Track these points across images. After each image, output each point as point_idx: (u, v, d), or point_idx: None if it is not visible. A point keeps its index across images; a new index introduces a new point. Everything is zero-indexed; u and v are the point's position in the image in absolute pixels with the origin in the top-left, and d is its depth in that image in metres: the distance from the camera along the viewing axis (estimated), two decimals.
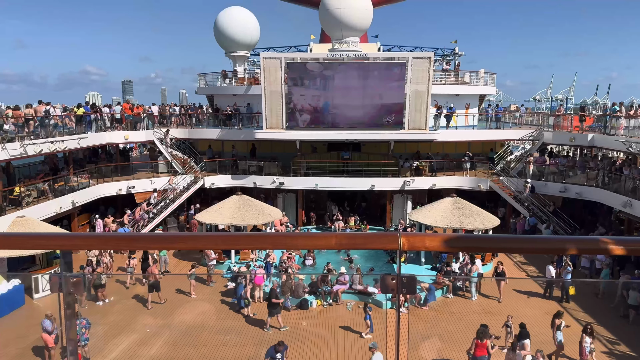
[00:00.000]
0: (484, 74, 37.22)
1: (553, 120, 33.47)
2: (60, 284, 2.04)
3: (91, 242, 1.87)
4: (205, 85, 37.86)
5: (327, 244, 2.01)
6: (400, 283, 2.06)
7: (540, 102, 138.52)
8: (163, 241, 1.82)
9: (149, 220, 27.32)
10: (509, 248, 1.91)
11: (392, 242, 1.99)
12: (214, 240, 1.70)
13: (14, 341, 16.54)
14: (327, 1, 32.39)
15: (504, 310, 18.55)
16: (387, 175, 30.69)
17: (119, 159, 33.74)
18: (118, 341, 15.22)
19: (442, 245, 1.99)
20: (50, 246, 1.86)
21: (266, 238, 1.97)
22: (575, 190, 27.86)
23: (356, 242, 2.03)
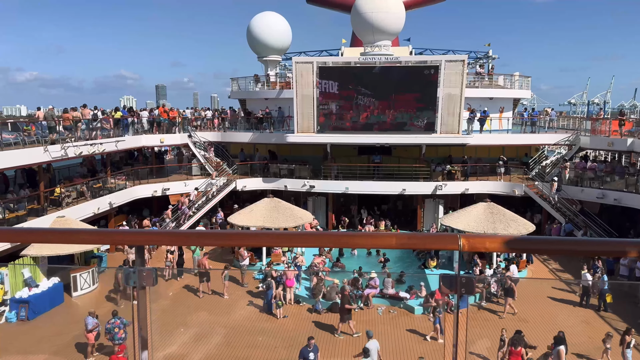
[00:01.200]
0: (519, 77, 36.60)
1: (590, 125, 32.62)
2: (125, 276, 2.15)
3: (162, 238, 1.97)
4: (237, 90, 38.41)
5: (388, 243, 2.06)
6: (459, 283, 2.09)
7: (575, 105, 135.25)
8: (231, 238, 1.90)
9: (187, 218, 27.95)
10: (569, 250, 1.93)
11: (452, 243, 2.03)
12: (281, 239, 1.77)
13: (54, 338, 17.11)
14: (360, 5, 32.43)
15: (539, 318, 18.19)
16: (418, 179, 30.46)
17: (154, 162, 34.52)
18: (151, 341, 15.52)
19: (503, 246, 2.02)
20: (126, 241, 1.98)
21: (329, 237, 2.04)
22: (614, 196, 27.07)
23: (416, 241, 2.08)
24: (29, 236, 2.08)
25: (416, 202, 31.78)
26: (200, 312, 19.38)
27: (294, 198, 31.43)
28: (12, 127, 24.39)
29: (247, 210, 25.97)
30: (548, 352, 13.85)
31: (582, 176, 29.47)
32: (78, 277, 20.57)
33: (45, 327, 17.84)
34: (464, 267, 23.91)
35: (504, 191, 30.22)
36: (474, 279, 1.93)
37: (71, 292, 20.30)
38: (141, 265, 2.15)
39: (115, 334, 14.69)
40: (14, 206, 21.91)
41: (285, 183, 31.33)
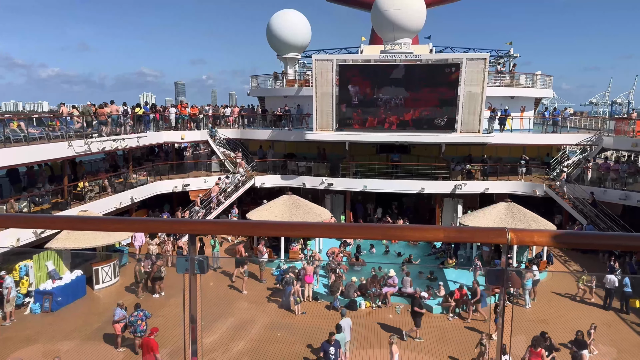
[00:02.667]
0: (540, 77, 36.13)
1: (614, 125, 32.06)
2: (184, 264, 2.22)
3: (219, 228, 2.03)
4: (257, 87, 38.62)
5: (436, 236, 2.09)
6: (507, 277, 2.11)
7: (597, 105, 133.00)
8: (283, 229, 1.95)
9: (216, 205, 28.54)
10: (617, 245, 1.94)
11: (501, 237, 2.05)
12: (327, 230, 1.81)
13: (77, 329, 17.46)
14: (380, 3, 32.31)
15: (560, 319, 18.00)
16: (437, 178, 30.31)
17: (174, 158, 34.92)
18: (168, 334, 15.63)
19: (552, 240, 2.03)
20: (185, 230, 2.04)
21: (376, 229, 2.08)
22: (638, 197, 26.60)
23: (464, 235, 2.11)
24: (84, 224, 2.16)
25: (435, 201, 31.61)
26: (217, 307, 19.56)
27: (312, 195, 31.49)
28: (37, 122, 24.93)
29: (266, 207, 26.13)
30: (573, 353, 13.72)
31: (605, 177, 29.02)
32: (100, 270, 20.93)
33: (69, 318, 18.22)
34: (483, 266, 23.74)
35: (524, 191, 29.90)
36: (522, 273, 1.94)
37: (93, 285, 20.67)
38: (194, 253, 2.21)
39: (138, 326, 14.93)
40: (39, 200, 22.37)
41: (303, 180, 31.44)
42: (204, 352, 14.83)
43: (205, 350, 14.83)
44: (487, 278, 2.17)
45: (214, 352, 14.70)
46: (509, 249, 21.08)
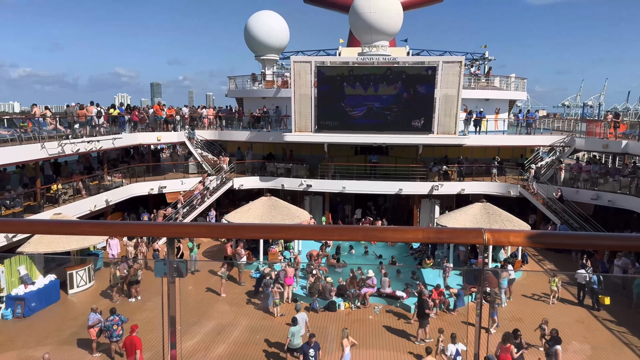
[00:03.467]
0: (515, 79, 36.81)
1: (586, 127, 32.88)
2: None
3: (198, 231, 2.02)
4: (235, 88, 38.40)
5: (415, 237, 2.12)
6: (483, 277, 2.16)
7: (569, 107, 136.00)
8: (266, 231, 1.96)
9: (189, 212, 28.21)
10: (590, 244, 1.99)
11: (478, 237, 2.09)
12: (310, 231, 1.82)
13: (51, 335, 17.07)
14: (358, 5, 32.50)
15: (534, 316, 18.32)
16: (415, 179, 30.60)
17: (150, 160, 34.47)
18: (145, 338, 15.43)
19: (526, 240, 2.08)
20: (166, 233, 2.02)
21: (358, 230, 2.10)
22: (608, 197, 27.32)
23: (442, 236, 2.14)
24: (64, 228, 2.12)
25: (413, 202, 31.90)
26: (195, 311, 19.36)
27: (291, 197, 31.47)
28: (8, 124, 24.35)
29: (245, 209, 26.00)
30: (548, 349, 13.99)
31: (577, 177, 29.72)
32: (74, 275, 20.53)
33: (42, 324, 17.80)
34: (460, 267, 24.05)
35: (499, 192, 30.41)
36: (498, 272, 1.98)
37: (67, 290, 20.25)
38: (172, 257, 2.19)
39: (114, 331, 14.68)
40: (10, 203, 21.83)
41: (282, 182, 31.38)
42: (183, 356, 14.69)
43: (184, 354, 14.66)
44: (465, 278, 2.22)
45: (192, 356, 14.55)
46: (485, 249, 21.46)
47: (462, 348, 14.08)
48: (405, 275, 22.53)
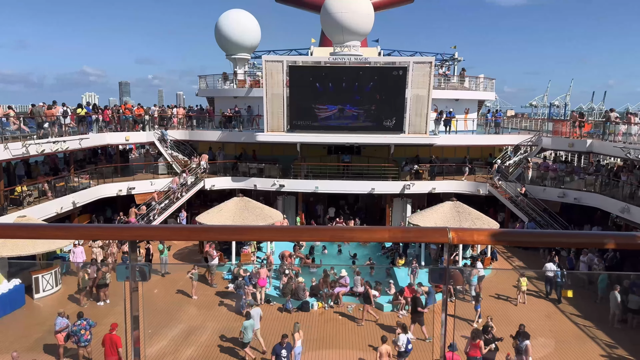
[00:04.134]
0: (484, 80, 37.48)
1: (552, 126, 33.74)
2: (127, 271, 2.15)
3: (162, 233, 1.97)
4: (206, 88, 37.99)
5: (382, 236, 2.12)
6: (448, 275, 2.18)
7: (537, 107, 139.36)
8: (233, 232, 1.93)
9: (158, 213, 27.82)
10: (550, 242, 2.03)
11: (443, 236, 2.11)
12: (279, 233, 1.80)
13: (16, 341, 16.53)
14: (329, 5, 32.56)
15: (503, 313, 18.71)
16: (387, 178, 30.85)
17: (119, 160, 33.79)
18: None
19: (490, 238, 2.11)
20: (128, 236, 1.97)
21: (326, 231, 2.09)
22: (574, 195, 28.10)
23: (409, 235, 2.15)
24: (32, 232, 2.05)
25: (385, 201, 32.15)
26: (166, 313, 19.08)
27: (264, 197, 31.31)
28: None
29: (216, 210, 25.73)
30: (516, 345, 14.26)
31: (544, 176, 30.47)
32: (40, 279, 19.96)
33: (7, 330, 17.24)
34: (429, 264, 24.36)
35: (469, 190, 30.94)
36: (463, 271, 2.01)
37: (33, 294, 19.67)
38: (134, 261, 2.14)
39: (82, 335, 14.33)
40: None
41: (254, 182, 31.20)
42: (155, 358, 14.43)
43: (152, 358, 14.43)
44: (430, 277, 2.23)
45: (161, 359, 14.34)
46: (454, 247, 21.86)
47: (412, 337, 14.87)
48: (378, 274, 22.70)
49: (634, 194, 24.79)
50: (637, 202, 24.03)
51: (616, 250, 22.06)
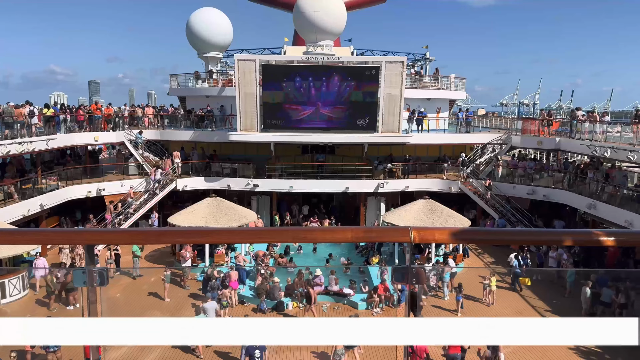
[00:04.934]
0: (455, 79, 37.97)
1: (521, 125, 34.45)
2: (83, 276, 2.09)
3: (118, 237, 1.92)
4: (177, 87, 37.47)
5: (344, 237, 2.12)
6: (411, 274, 2.19)
7: (507, 106, 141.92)
8: (191, 235, 1.90)
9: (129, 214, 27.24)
10: (508, 240, 2.06)
11: (404, 236, 2.12)
12: (239, 235, 1.78)
13: None
14: (302, 4, 32.52)
15: (475, 309, 19.01)
16: (361, 177, 31.00)
17: (88, 161, 33.06)
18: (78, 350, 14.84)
19: (450, 237, 2.13)
20: (83, 240, 1.92)
21: (287, 232, 2.07)
22: (543, 192, 28.74)
23: (371, 235, 2.15)
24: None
25: (359, 200, 32.30)
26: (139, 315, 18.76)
27: (238, 197, 31.10)
28: None
29: (189, 211, 25.42)
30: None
31: (513, 173, 31.09)
32: (6, 283, 19.38)
33: None
34: (402, 262, 24.57)
35: (441, 188, 31.34)
36: (424, 269, 2.02)
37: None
38: (91, 264, 2.09)
39: None
40: None
41: (228, 182, 30.93)
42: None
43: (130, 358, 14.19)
44: (394, 276, 2.23)
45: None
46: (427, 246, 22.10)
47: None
48: (353, 273, 22.77)
49: (600, 191, 25.48)
50: (604, 199, 24.70)
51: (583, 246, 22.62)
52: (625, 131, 26.73)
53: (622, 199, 24.04)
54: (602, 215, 24.24)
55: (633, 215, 22.06)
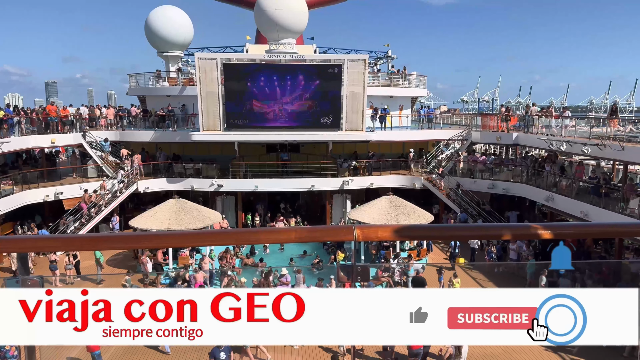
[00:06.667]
0: (416, 77, 38.48)
1: (481, 121, 35.24)
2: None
3: (56, 244, 1.85)
4: (136, 86, 36.66)
5: (288, 237, 2.11)
6: (355, 272, 2.20)
7: (468, 103, 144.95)
8: (131, 241, 1.85)
9: (82, 223, 26.47)
10: (452, 235, 2.10)
11: (348, 234, 2.13)
12: (182, 239, 1.75)
13: None
14: (263, 2, 32.32)
15: None
16: (326, 175, 31.08)
17: (44, 164, 31.97)
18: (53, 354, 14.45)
19: (393, 234, 2.16)
20: (15, 248, 1.84)
21: (231, 234, 2.05)
22: (502, 186, 29.51)
23: (315, 234, 2.15)
24: None
25: (325, 198, 32.40)
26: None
27: (202, 198, 30.69)
28: None
29: (151, 213, 24.93)
30: None
31: (474, 168, 31.79)
32: None
33: None
34: (369, 259, 24.83)
35: (405, 184, 31.76)
36: (368, 267, 2.04)
37: None
38: (24, 274, 2.01)
39: (7, 351, 13.48)
40: None
41: (191, 183, 30.47)
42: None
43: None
44: (340, 272, 2.24)
45: None
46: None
47: None
48: (321, 271, 22.80)
49: (557, 184, 26.31)
50: (561, 191, 25.51)
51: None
52: (579, 125, 27.67)
53: (578, 191, 24.87)
54: (560, 207, 25.02)
55: (588, 207, 22.87)
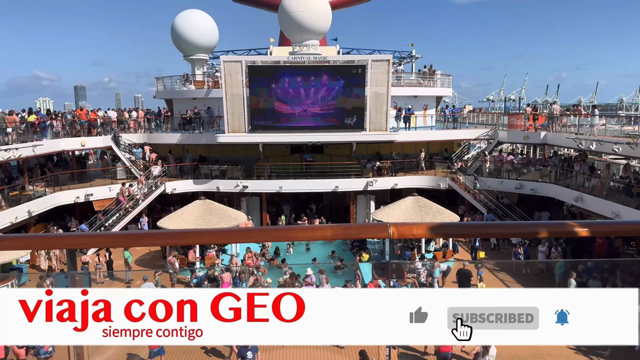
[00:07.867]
0: (441, 76, 38.13)
1: (508, 120, 34.70)
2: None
3: (100, 241, 1.93)
4: (163, 89, 37.28)
5: (324, 234, 2.15)
6: (390, 268, 2.22)
7: (493, 102, 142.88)
8: (169, 237, 1.91)
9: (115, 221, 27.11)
10: (486, 233, 2.11)
11: (383, 232, 2.16)
12: (219, 235, 1.80)
13: None
14: (287, 4, 32.50)
15: None
16: (350, 176, 31.06)
17: (75, 166, 32.79)
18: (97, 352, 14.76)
19: (428, 232, 2.17)
20: (63, 245, 1.92)
21: (267, 231, 2.10)
22: (530, 186, 28.99)
23: (350, 232, 2.19)
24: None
25: (349, 198, 32.38)
26: None
27: (228, 199, 31.01)
28: None
29: (178, 214, 25.33)
30: None
31: (501, 168, 31.32)
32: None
33: None
34: (395, 259, 24.66)
35: (430, 185, 31.49)
36: (404, 265, 2.06)
37: None
38: (73, 269, 2.10)
39: (41, 347, 13.86)
40: None
41: (217, 184, 30.83)
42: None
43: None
44: (374, 271, 2.27)
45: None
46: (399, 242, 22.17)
47: None
48: (344, 271, 22.80)
49: (587, 182, 25.72)
50: (590, 191, 24.94)
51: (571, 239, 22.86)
52: (610, 124, 27.03)
53: (608, 191, 24.29)
54: (590, 207, 24.47)
55: (619, 207, 22.32)
